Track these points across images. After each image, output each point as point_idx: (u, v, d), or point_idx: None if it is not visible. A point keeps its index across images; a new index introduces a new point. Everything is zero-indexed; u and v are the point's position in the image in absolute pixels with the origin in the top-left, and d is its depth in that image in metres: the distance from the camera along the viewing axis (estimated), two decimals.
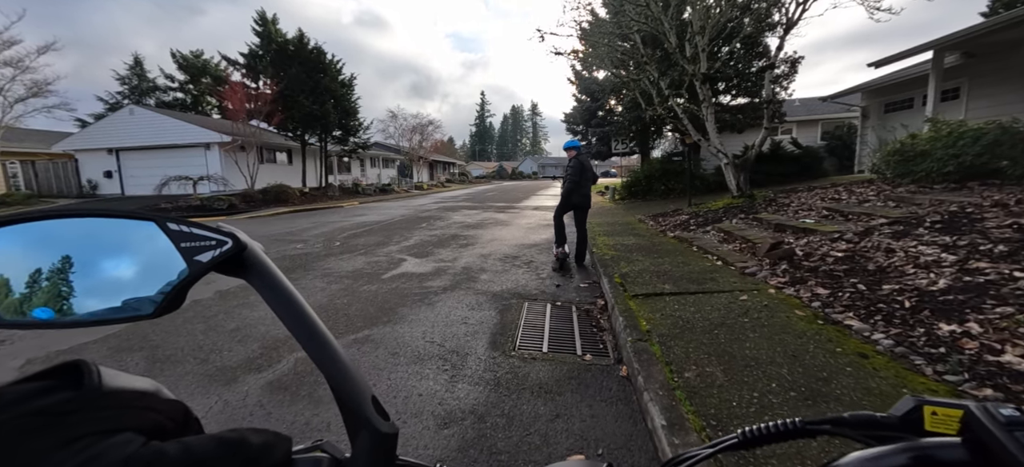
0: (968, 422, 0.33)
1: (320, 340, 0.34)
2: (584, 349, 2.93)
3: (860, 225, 4.86)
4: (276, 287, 0.35)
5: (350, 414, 0.34)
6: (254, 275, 0.35)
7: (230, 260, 0.34)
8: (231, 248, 0.34)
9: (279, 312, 0.34)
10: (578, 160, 5.27)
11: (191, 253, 0.33)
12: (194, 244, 0.33)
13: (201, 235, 0.33)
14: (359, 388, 0.34)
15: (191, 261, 0.33)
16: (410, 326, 3.33)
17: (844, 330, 2.68)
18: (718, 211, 7.83)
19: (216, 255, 0.33)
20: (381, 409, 0.34)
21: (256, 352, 2.87)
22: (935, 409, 0.36)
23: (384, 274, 5.04)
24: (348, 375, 0.34)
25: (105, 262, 0.33)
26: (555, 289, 4.37)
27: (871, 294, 3.09)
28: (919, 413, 0.36)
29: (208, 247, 0.33)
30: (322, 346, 0.34)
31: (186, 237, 0.33)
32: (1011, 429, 0.31)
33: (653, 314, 3.16)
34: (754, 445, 0.43)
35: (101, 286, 0.32)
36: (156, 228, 0.33)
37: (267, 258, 0.36)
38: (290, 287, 0.35)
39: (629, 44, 10.92)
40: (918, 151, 6.79)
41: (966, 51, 9.17)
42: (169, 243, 0.33)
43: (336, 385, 0.34)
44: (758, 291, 3.54)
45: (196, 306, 3.86)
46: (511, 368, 2.63)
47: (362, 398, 0.34)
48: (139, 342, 3.09)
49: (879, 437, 0.37)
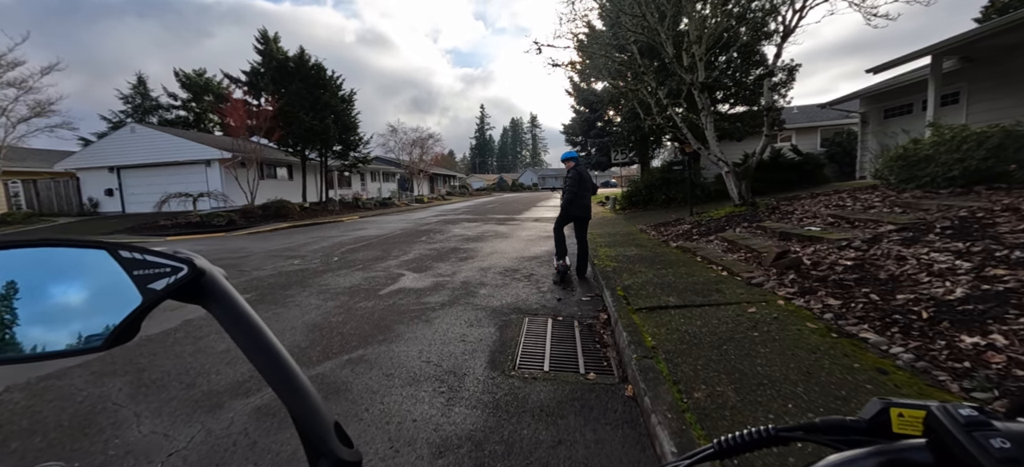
0: (930, 424, 0.34)
1: (281, 368, 0.33)
2: (587, 367, 2.80)
3: (868, 232, 4.75)
4: (236, 314, 0.34)
5: (310, 442, 0.33)
6: (213, 302, 0.34)
7: (187, 287, 0.33)
8: (186, 274, 0.32)
9: (239, 341, 0.33)
10: (577, 171, 5.20)
11: (144, 281, 0.32)
12: (147, 272, 0.32)
13: (155, 262, 0.32)
14: (320, 416, 0.33)
15: (145, 290, 0.32)
16: (406, 345, 3.21)
17: (859, 343, 2.55)
18: (721, 220, 7.73)
19: (171, 282, 0.32)
20: (344, 436, 0.34)
21: (245, 375, 2.75)
22: (902, 411, 0.36)
23: (381, 290, 4.93)
24: (309, 403, 0.33)
25: (54, 294, 0.32)
26: (556, 303, 4.25)
27: (885, 304, 2.97)
28: (886, 415, 0.37)
29: (162, 274, 0.32)
30: (283, 374, 0.33)
31: (139, 264, 0.32)
32: (970, 430, 0.31)
33: (658, 329, 3.03)
34: (731, 454, 0.42)
35: (50, 318, 0.31)
36: (107, 256, 0.32)
37: (228, 284, 0.35)
38: (251, 314, 0.34)
39: (626, 55, 10.96)
40: (922, 156, 6.71)
41: (964, 56, 9.16)
42: (122, 272, 0.32)
43: (296, 413, 0.33)
44: (766, 303, 3.41)
45: (187, 327, 3.75)
46: (511, 389, 2.50)
47: (323, 426, 0.33)
48: (124, 366, 2.98)
49: (849, 441, 0.38)
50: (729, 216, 7.85)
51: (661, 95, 9.92)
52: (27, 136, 18.22)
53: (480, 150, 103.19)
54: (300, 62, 20.06)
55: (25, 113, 17.46)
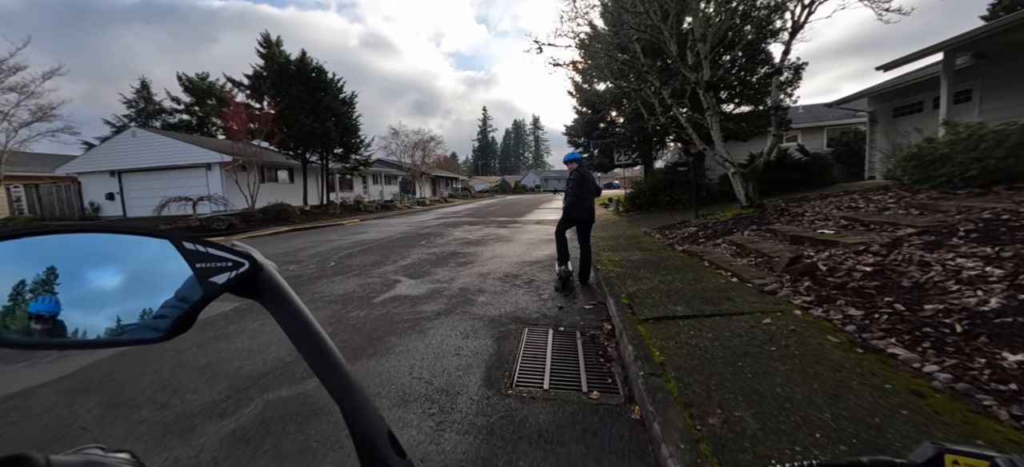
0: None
1: (334, 368, 0.34)
2: (590, 384, 2.60)
3: (886, 235, 4.52)
4: (290, 311, 0.34)
5: (364, 450, 0.33)
6: (268, 298, 0.33)
7: (245, 282, 0.33)
8: (247, 270, 0.32)
9: (293, 337, 0.33)
10: (579, 173, 5.00)
11: (206, 274, 0.32)
12: (209, 265, 0.32)
13: (217, 256, 0.32)
14: (375, 422, 0.34)
15: (206, 282, 0.32)
16: (397, 359, 3.02)
17: (888, 359, 2.34)
18: (727, 222, 7.50)
19: (231, 277, 0.32)
20: (398, 446, 0.35)
21: (223, 394, 2.57)
22: (957, 459, 0.34)
23: (376, 298, 4.75)
24: (364, 408, 0.34)
25: (118, 281, 0.32)
26: (557, 312, 4.05)
27: (912, 315, 2.75)
28: (940, 462, 0.35)
29: (224, 268, 0.32)
30: (336, 374, 0.34)
31: (201, 257, 0.32)
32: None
33: (666, 342, 2.83)
34: None
35: (113, 305, 0.31)
36: (171, 247, 0.32)
37: (282, 279, 0.35)
38: (305, 311, 0.34)
39: (629, 55, 10.77)
40: (937, 155, 6.47)
41: (978, 52, 8.90)
42: (183, 263, 0.32)
43: (350, 418, 0.33)
44: (782, 312, 3.20)
45: None
46: (507, 411, 2.31)
47: (378, 434, 0.34)
48: (99, 383, 2.80)
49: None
50: (736, 218, 7.62)
51: (665, 95, 9.71)
52: (29, 141, 18.26)
53: (482, 152, 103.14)
54: (301, 65, 20.00)
55: (27, 118, 17.48)
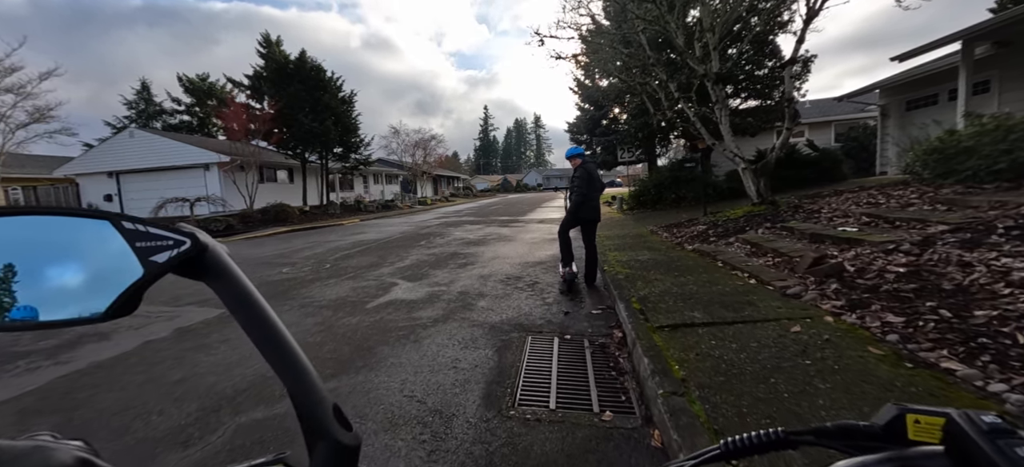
0: (950, 431, 0.33)
1: (280, 346, 0.33)
2: (602, 402, 2.32)
3: (915, 233, 4.22)
4: (237, 291, 0.34)
5: (308, 424, 0.32)
6: (214, 277, 0.33)
7: (189, 262, 0.32)
8: (190, 248, 0.32)
9: (238, 316, 0.33)
10: (585, 169, 4.71)
11: (147, 253, 0.32)
12: (150, 244, 0.32)
13: (158, 234, 0.32)
14: (318, 396, 0.33)
15: (147, 262, 0.32)
16: (388, 373, 2.75)
17: (943, 377, 2.04)
18: (739, 220, 7.19)
19: (173, 255, 0.32)
20: (343, 419, 0.33)
21: (192, 416, 2.30)
22: (918, 418, 0.36)
23: (370, 303, 4.48)
24: (308, 383, 0.33)
25: (57, 262, 0.32)
26: (563, 317, 3.76)
27: (962, 323, 2.46)
28: (902, 422, 0.36)
29: (165, 247, 0.32)
30: (282, 352, 0.33)
31: (142, 236, 0.32)
32: (994, 437, 0.31)
33: (686, 354, 2.54)
34: (738, 456, 0.42)
35: (52, 286, 0.31)
36: (110, 227, 0.32)
37: (229, 260, 0.34)
38: (253, 291, 0.34)
39: (634, 47, 10.45)
40: (961, 148, 6.14)
41: (999, 40, 8.55)
42: (124, 243, 0.32)
43: (294, 393, 0.32)
44: (811, 319, 2.91)
45: (145, 349, 3.31)
46: (508, 436, 2.03)
47: (321, 407, 0.32)
48: (59, 401, 2.55)
49: (862, 447, 0.37)
50: (748, 216, 7.31)
51: (672, 88, 9.40)
52: (26, 142, 18.06)
53: (484, 151, 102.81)
54: (299, 64, 19.76)
55: (24, 119, 17.30)
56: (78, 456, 0.27)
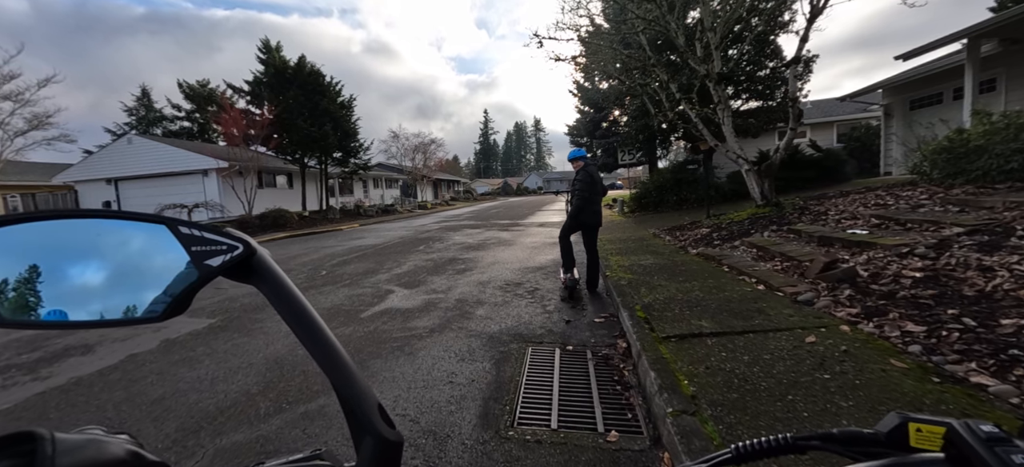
0: (951, 439, 0.34)
1: (326, 347, 0.34)
2: (607, 421, 2.17)
3: (929, 235, 4.07)
4: (284, 293, 0.35)
5: (355, 421, 0.33)
6: (262, 281, 0.34)
7: (239, 265, 0.33)
8: (241, 253, 0.33)
9: (286, 318, 0.34)
10: (586, 171, 4.58)
11: (202, 257, 0.33)
12: (205, 248, 0.33)
13: (212, 239, 0.33)
14: (365, 395, 0.34)
15: (201, 265, 0.33)
16: (380, 389, 2.60)
17: (975, 393, 1.90)
18: (743, 222, 7.04)
19: (226, 260, 0.33)
20: (387, 417, 0.34)
21: (169, 438, 2.16)
22: (920, 426, 0.36)
23: (364, 312, 4.34)
24: (354, 381, 0.34)
25: (116, 264, 0.32)
26: (564, 326, 3.62)
27: (989, 332, 2.31)
28: (904, 430, 0.37)
29: (219, 251, 0.33)
30: (328, 352, 0.34)
31: (197, 241, 0.33)
32: (991, 445, 0.31)
33: (695, 367, 2.39)
34: (748, 460, 0.43)
35: (111, 287, 0.32)
36: (167, 231, 0.33)
37: (275, 264, 0.35)
38: (298, 294, 0.35)
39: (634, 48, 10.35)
40: (971, 147, 6.00)
41: (1006, 37, 8.41)
42: (179, 246, 0.33)
43: (342, 391, 0.33)
44: (826, 328, 2.76)
45: (128, 363, 3.17)
46: (507, 460, 1.88)
47: (368, 405, 0.33)
48: (32, 421, 2.40)
49: (866, 453, 0.38)
50: (752, 218, 7.16)
51: (673, 89, 9.27)
52: (25, 149, 18.00)
53: (484, 155, 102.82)
54: (298, 68, 19.70)
55: (23, 126, 17.24)
56: (129, 448, 0.29)
